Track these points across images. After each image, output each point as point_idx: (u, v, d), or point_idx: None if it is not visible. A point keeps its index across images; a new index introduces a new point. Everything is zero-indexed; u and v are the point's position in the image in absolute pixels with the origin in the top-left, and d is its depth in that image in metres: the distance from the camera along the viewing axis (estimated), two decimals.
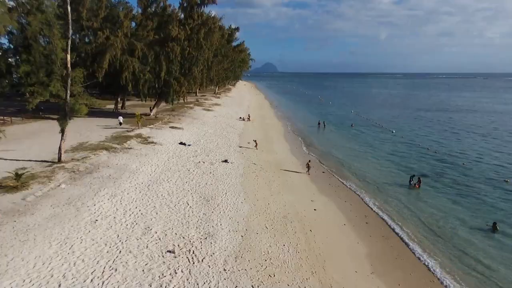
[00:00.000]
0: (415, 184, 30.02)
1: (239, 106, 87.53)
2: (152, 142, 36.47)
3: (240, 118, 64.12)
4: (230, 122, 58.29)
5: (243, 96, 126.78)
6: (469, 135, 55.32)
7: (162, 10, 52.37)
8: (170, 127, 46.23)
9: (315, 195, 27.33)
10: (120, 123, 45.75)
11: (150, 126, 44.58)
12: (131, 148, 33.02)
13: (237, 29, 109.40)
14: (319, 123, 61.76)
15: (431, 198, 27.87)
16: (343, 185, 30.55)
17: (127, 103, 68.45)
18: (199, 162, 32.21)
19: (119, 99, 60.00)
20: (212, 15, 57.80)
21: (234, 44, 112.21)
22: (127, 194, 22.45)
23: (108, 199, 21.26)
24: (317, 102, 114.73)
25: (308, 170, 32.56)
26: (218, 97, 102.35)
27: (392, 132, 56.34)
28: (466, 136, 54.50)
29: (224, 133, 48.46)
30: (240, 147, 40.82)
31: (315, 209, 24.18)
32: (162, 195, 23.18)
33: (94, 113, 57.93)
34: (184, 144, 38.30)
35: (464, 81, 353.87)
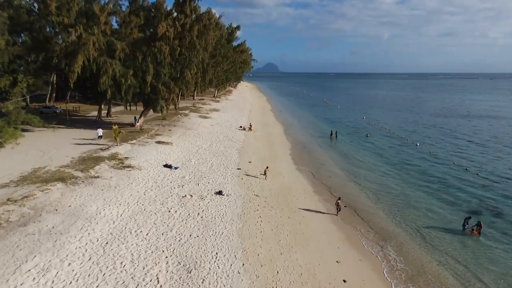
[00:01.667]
0: (472, 230, 22.49)
1: (240, 111, 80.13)
2: (129, 166, 29.07)
3: (241, 127, 56.72)
4: (228, 133, 50.89)
5: (244, 98, 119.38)
6: (506, 149, 47.57)
7: (155, 6, 45.08)
8: (156, 142, 38.82)
9: (341, 249, 19.91)
10: (100, 136, 38.64)
11: (131, 142, 37.21)
12: (98, 177, 25.64)
13: (237, 28, 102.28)
14: (331, 134, 54.26)
15: (500, 253, 20.35)
16: (373, 228, 23.10)
17: (115, 109, 61.25)
18: (185, 196, 24.79)
19: (102, 105, 52.55)
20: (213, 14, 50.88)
21: (234, 44, 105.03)
22: (68, 265, 15.08)
23: (34, 279, 13.89)
24: (323, 106, 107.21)
25: (338, 211, 24.84)
26: (218, 101, 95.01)
27: (416, 145, 48.72)
28: (503, 150, 46.75)
29: (221, 148, 41.03)
30: (239, 169, 33.34)
31: (345, 281, 16.76)
32: (122, 263, 15.79)
33: (75, 121, 51.00)
34: (170, 167, 30.92)
35: (470, 82, 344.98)
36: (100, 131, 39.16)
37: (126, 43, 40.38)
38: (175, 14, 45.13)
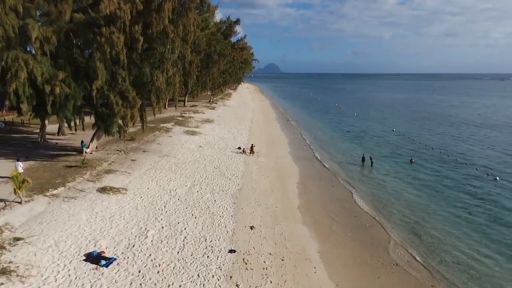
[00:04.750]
0: None
1: (239, 122, 64.98)
2: (5, 271, 14.02)
3: (239, 148, 41.65)
4: (222, 161, 35.77)
5: (245, 104, 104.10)
6: None
7: None
8: (99, 189, 23.75)
9: None
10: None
11: (54, 192, 22.22)
12: None
13: (237, 22, 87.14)
14: (363, 159, 39.16)
15: None
16: None
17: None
18: None
19: (47, 121, 37.59)
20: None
21: (233, 40, 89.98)
22: None
23: None
24: (337, 112, 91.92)
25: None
26: (213, 108, 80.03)
27: (495, 179, 33.58)
28: None
29: (207, 195, 25.86)
30: (233, 252, 18.18)
31: None
32: None
33: (7, 142, 36.25)
34: (98, 261, 15.84)
35: (481, 83, 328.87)
36: (19, 166, 24.36)
37: (55, 28, 25.38)
38: None
